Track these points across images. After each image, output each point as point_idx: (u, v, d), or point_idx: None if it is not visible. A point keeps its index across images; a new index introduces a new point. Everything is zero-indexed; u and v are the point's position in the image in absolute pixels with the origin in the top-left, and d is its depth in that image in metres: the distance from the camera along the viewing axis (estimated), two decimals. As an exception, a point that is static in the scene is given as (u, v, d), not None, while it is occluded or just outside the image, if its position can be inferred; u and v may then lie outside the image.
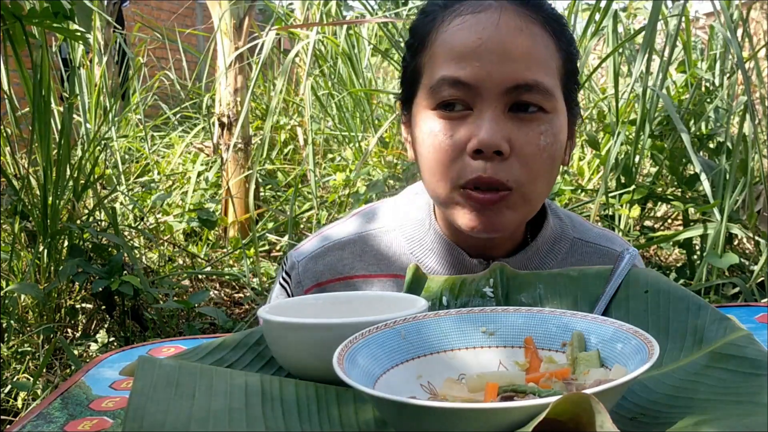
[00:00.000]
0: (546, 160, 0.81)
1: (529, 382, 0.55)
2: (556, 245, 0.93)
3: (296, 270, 0.95)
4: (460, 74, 0.79)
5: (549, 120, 0.81)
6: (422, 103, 0.84)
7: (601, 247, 0.95)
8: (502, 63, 0.78)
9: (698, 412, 0.52)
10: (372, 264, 0.93)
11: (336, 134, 4.11)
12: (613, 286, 0.73)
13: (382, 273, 0.93)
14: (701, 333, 0.63)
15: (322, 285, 0.93)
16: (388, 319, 0.61)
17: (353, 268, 0.93)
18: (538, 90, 0.79)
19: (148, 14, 7.42)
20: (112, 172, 3.87)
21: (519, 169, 0.80)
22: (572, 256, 0.93)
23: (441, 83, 0.80)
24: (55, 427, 0.64)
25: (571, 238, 0.94)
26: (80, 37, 2.22)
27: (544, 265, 0.92)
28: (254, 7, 3.67)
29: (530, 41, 0.80)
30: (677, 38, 2.92)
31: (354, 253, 0.94)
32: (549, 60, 0.82)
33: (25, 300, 2.46)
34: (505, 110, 0.80)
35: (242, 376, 0.57)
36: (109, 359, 0.84)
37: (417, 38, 0.86)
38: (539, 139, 0.80)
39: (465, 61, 0.79)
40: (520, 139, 0.79)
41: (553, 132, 0.81)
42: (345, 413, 0.55)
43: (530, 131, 0.80)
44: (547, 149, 0.81)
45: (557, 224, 0.94)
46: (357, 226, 0.96)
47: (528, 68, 0.79)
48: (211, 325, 2.79)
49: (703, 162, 2.61)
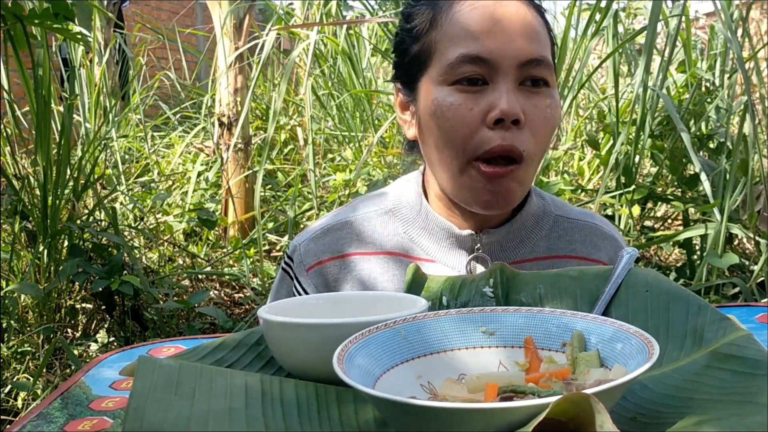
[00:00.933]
0: (550, 131, 0.89)
1: (528, 382, 0.55)
2: (540, 221, 0.99)
3: (298, 252, 1.00)
4: (479, 51, 0.86)
5: (552, 94, 0.89)
6: (437, 79, 0.89)
7: (583, 222, 1.01)
8: (515, 40, 0.86)
9: (698, 412, 0.51)
10: (368, 243, 0.98)
11: (336, 134, 4.11)
12: (613, 286, 0.73)
13: (378, 251, 0.98)
14: (701, 333, 0.63)
15: (323, 263, 0.98)
16: (388, 319, 0.61)
17: (350, 247, 0.98)
18: (545, 65, 0.88)
19: (148, 14, 7.42)
20: (112, 172, 3.87)
21: (530, 138, 0.87)
22: (555, 231, 0.99)
23: (461, 59, 0.86)
24: (55, 427, 0.64)
25: (554, 215, 1.00)
26: (80, 39, 2.22)
27: (530, 239, 0.97)
28: (254, 7, 3.67)
29: (535, 21, 0.89)
30: (677, 38, 2.92)
31: (351, 234, 0.99)
32: (546, 39, 0.91)
33: (25, 300, 2.46)
34: (517, 84, 0.87)
35: (242, 376, 0.57)
36: (109, 359, 0.84)
37: (418, 22, 0.92)
38: (546, 111, 0.88)
39: (482, 39, 0.86)
40: (530, 110, 0.87)
41: (555, 104, 0.90)
42: (345, 413, 0.55)
43: (539, 103, 0.88)
44: (551, 120, 0.89)
45: (540, 202, 1.00)
46: (352, 211, 1.02)
47: (537, 44, 0.87)
48: (211, 325, 2.79)
49: (703, 162, 2.62)
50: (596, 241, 1.00)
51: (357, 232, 0.99)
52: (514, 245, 0.97)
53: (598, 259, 0.99)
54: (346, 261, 0.98)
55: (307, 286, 0.99)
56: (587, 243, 1.00)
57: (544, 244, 0.98)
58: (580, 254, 0.99)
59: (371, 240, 0.98)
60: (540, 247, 0.98)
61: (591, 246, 1.00)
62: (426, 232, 0.97)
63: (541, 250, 0.98)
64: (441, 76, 0.89)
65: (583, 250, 0.99)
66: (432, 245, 0.97)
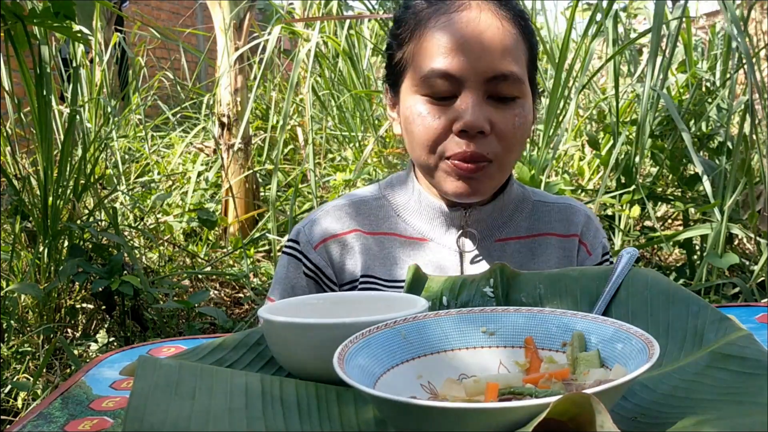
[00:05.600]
0: (519, 137, 0.96)
1: (528, 383, 0.55)
2: (520, 205, 1.08)
3: (303, 233, 1.06)
4: (448, 67, 0.93)
5: (521, 104, 0.96)
6: (411, 88, 0.97)
7: (560, 204, 1.10)
8: (482, 56, 0.92)
9: (699, 412, 0.51)
10: (365, 224, 1.05)
11: (336, 134, 4.11)
12: (614, 286, 0.73)
13: (374, 231, 1.05)
14: (701, 333, 0.63)
15: (326, 241, 1.05)
16: (389, 319, 0.61)
17: (348, 227, 1.05)
18: (512, 79, 0.93)
19: (148, 14, 7.42)
20: (112, 172, 3.87)
21: (497, 144, 0.94)
22: (535, 214, 1.08)
23: (431, 74, 0.93)
24: (55, 427, 0.64)
25: (533, 200, 1.09)
26: (81, 38, 2.22)
27: (512, 220, 1.06)
28: (254, 6, 3.67)
29: (505, 36, 0.94)
30: (678, 38, 2.92)
31: (349, 215, 1.06)
32: (519, 51, 0.96)
33: (25, 300, 2.46)
34: (485, 96, 0.94)
35: (242, 376, 0.56)
36: (109, 359, 0.84)
37: (404, 30, 0.99)
38: (514, 120, 0.95)
39: (451, 55, 0.93)
40: (498, 120, 0.94)
41: (524, 113, 0.96)
42: (345, 413, 0.55)
43: (507, 114, 0.94)
44: (520, 128, 0.95)
45: (520, 190, 1.09)
46: (349, 197, 1.10)
47: (503, 60, 0.93)
48: (211, 325, 2.79)
49: (703, 162, 2.61)
50: (571, 218, 1.09)
51: (354, 215, 1.06)
52: (499, 225, 1.05)
53: (574, 233, 1.07)
54: (347, 239, 1.04)
55: (317, 261, 1.04)
56: (563, 221, 1.08)
57: (525, 224, 1.07)
58: (558, 232, 1.07)
59: (368, 222, 1.05)
60: (522, 227, 1.06)
61: (567, 223, 1.08)
62: (418, 213, 1.04)
63: (522, 230, 1.06)
64: (414, 86, 0.96)
65: (559, 228, 1.08)
66: (424, 225, 1.04)
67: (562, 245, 1.06)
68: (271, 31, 3.37)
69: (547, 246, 1.06)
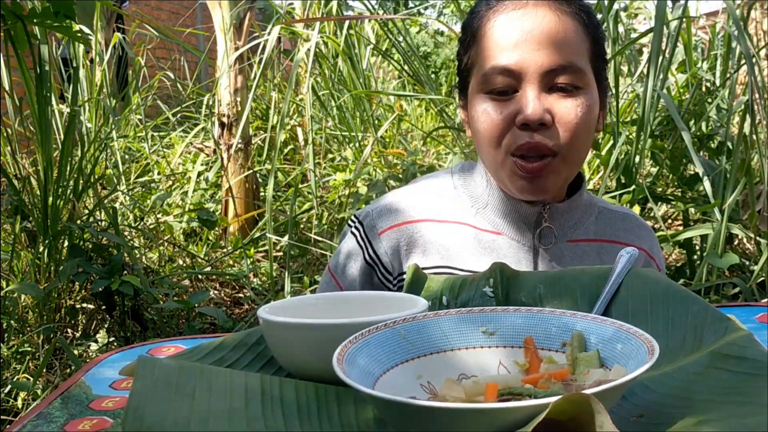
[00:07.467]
0: (583, 127, 0.96)
1: (527, 383, 0.55)
2: (590, 209, 1.09)
3: (370, 216, 1.07)
4: (506, 62, 0.95)
5: (583, 94, 0.96)
6: (476, 88, 1.00)
7: (622, 213, 1.11)
8: (539, 49, 0.94)
9: (699, 413, 0.51)
10: (438, 212, 1.05)
11: (336, 134, 4.11)
12: (613, 286, 0.73)
13: (448, 219, 1.05)
14: (701, 333, 0.63)
15: (394, 227, 1.05)
16: (388, 319, 0.61)
17: (420, 215, 1.05)
18: (571, 70, 0.95)
19: (149, 14, 7.42)
20: (112, 172, 3.87)
21: (561, 135, 0.95)
22: (601, 220, 1.09)
23: (491, 72, 0.96)
24: (55, 427, 0.64)
25: (598, 206, 1.11)
26: (80, 37, 2.22)
27: (582, 222, 1.06)
28: (254, 7, 3.67)
29: (561, 28, 0.96)
30: (678, 38, 2.92)
31: (422, 203, 1.07)
32: (580, 44, 0.97)
33: (25, 300, 2.46)
34: (545, 89, 0.95)
35: (242, 376, 0.56)
36: (109, 359, 0.84)
37: (468, 34, 1.03)
38: (577, 110, 0.95)
39: (509, 51, 0.95)
40: (559, 110, 0.95)
41: (587, 104, 0.96)
42: (345, 413, 0.55)
43: (568, 104, 0.95)
44: (583, 118, 0.96)
45: (587, 195, 1.10)
46: (424, 185, 1.10)
47: (561, 51, 0.94)
48: (211, 325, 2.79)
49: (703, 162, 2.61)
50: (637, 231, 1.09)
51: (427, 202, 1.06)
52: (571, 225, 1.05)
53: (640, 246, 1.07)
54: (417, 226, 1.04)
55: (378, 248, 1.04)
56: (629, 232, 1.09)
57: (593, 228, 1.07)
58: (625, 240, 1.07)
59: (440, 209, 1.05)
60: (590, 230, 1.07)
61: (633, 235, 1.09)
62: (492, 206, 1.04)
63: (591, 233, 1.06)
64: (479, 86, 0.99)
65: (626, 237, 1.08)
66: (498, 219, 1.04)
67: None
68: (270, 31, 3.37)
69: (614, 252, 1.02)
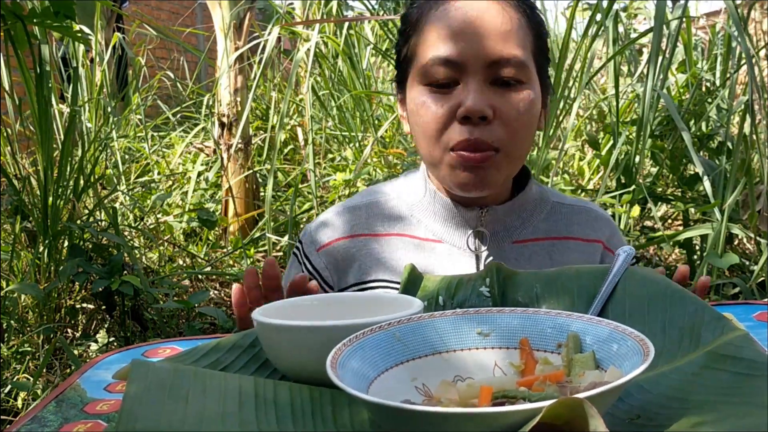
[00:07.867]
0: (524, 123, 0.93)
1: (522, 385, 0.55)
2: (539, 206, 1.04)
3: (308, 234, 1.06)
4: (447, 53, 0.91)
5: (526, 89, 0.93)
6: (416, 80, 0.96)
7: (578, 206, 1.07)
8: (482, 41, 0.90)
9: (696, 413, 0.51)
10: (378, 225, 1.03)
11: (336, 134, 4.10)
12: (610, 285, 0.73)
13: (386, 233, 1.03)
14: (698, 333, 0.63)
15: (332, 243, 1.03)
16: (383, 321, 0.61)
17: (361, 228, 1.04)
18: (515, 63, 0.91)
19: (148, 14, 7.41)
20: (112, 172, 3.87)
21: (502, 131, 0.91)
22: (553, 215, 1.05)
23: (431, 62, 0.92)
24: (49, 431, 0.63)
25: (551, 201, 1.06)
26: (80, 37, 2.21)
27: (530, 221, 1.03)
28: (254, 7, 3.67)
29: (506, 20, 0.92)
30: (678, 38, 2.92)
31: (362, 216, 1.05)
32: (523, 37, 0.93)
33: (25, 300, 2.46)
34: (487, 82, 0.91)
35: (236, 379, 0.56)
36: (105, 361, 0.84)
37: (408, 24, 0.99)
38: (518, 105, 0.92)
39: (450, 41, 0.91)
40: (501, 105, 0.91)
41: (530, 99, 0.93)
42: (339, 416, 0.55)
43: (510, 98, 0.92)
44: (525, 113, 0.92)
45: (538, 189, 1.06)
46: (363, 197, 1.08)
47: (505, 44, 0.91)
48: (211, 325, 2.78)
49: (703, 162, 2.61)
50: (592, 223, 1.06)
51: (367, 216, 1.04)
52: (516, 226, 1.02)
53: (596, 239, 1.04)
54: (355, 241, 1.03)
55: (317, 264, 1.03)
56: (584, 225, 1.05)
57: (543, 226, 1.03)
58: (578, 236, 1.04)
59: (380, 222, 1.04)
60: (540, 229, 1.03)
61: (588, 228, 1.05)
62: (431, 212, 1.02)
63: (540, 231, 1.03)
64: (418, 77, 0.95)
65: (580, 232, 1.04)
66: (438, 225, 1.01)
67: (582, 249, 1.03)
68: (270, 31, 3.36)
69: (566, 250, 1.02)
